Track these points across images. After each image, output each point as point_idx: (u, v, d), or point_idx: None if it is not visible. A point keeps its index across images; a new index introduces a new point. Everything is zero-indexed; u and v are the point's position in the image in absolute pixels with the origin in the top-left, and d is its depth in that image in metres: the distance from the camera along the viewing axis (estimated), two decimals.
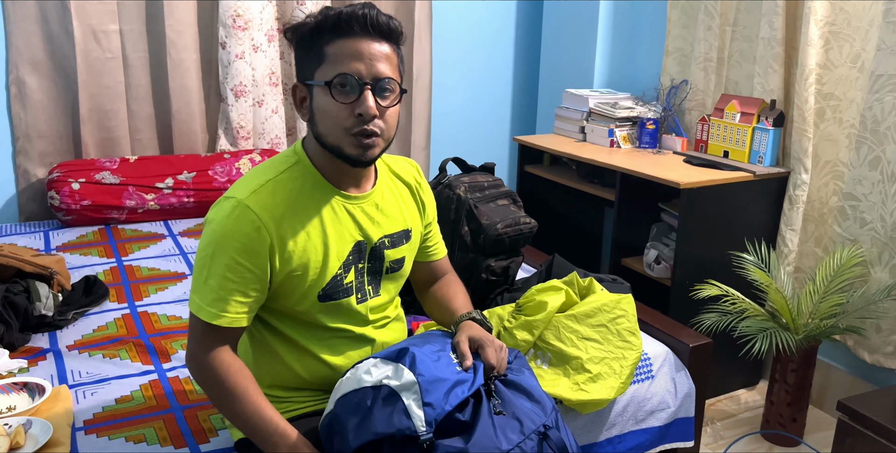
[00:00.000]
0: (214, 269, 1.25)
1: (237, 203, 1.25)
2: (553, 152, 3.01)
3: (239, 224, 1.24)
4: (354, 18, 1.22)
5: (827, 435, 2.38)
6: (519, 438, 1.21)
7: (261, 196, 1.26)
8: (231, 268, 1.24)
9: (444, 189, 2.07)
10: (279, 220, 1.27)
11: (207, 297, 1.26)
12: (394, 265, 1.44)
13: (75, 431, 1.49)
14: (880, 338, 2.33)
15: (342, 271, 1.35)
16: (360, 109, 1.23)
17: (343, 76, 1.22)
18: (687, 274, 2.48)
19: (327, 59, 1.23)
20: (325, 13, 1.24)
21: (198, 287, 1.28)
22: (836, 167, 2.43)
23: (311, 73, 1.26)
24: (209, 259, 1.25)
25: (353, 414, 1.20)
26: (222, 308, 1.25)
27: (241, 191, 1.27)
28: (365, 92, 1.23)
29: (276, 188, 1.28)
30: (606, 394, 1.71)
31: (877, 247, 2.30)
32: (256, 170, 1.32)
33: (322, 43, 1.24)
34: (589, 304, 1.80)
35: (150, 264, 2.42)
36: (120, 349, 1.84)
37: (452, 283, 1.60)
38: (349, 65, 1.22)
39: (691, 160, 2.66)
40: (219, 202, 1.29)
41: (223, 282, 1.25)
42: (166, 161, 2.88)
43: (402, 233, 1.44)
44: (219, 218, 1.26)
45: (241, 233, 1.24)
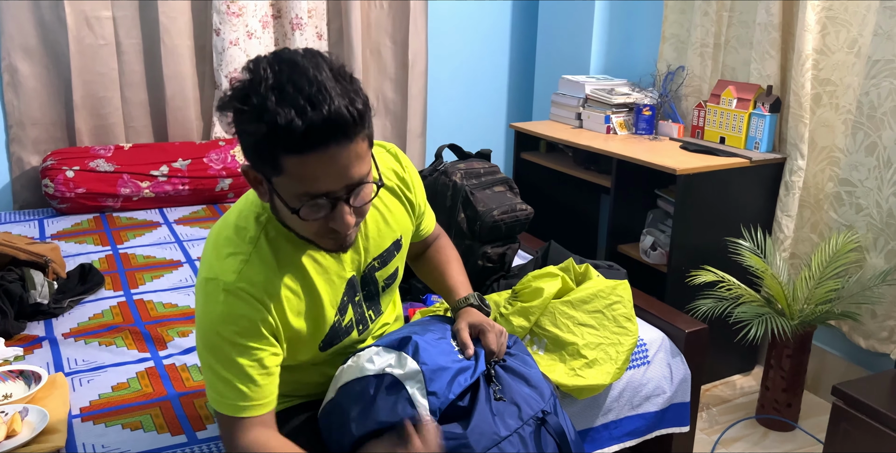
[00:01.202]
0: (225, 361, 1.14)
1: (227, 286, 1.13)
2: (549, 139, 3.01)
3: (235, 307, 1.13)
4: (314, 130, 0.98)
5: (822, 419, 2.40)
6: (517, 424, 1.22)
7: (248, 274, 1.14)
8: (241, 353, 1.14)
9: (440, 176, 2.07)
10: (274, 295, 1.17)
11: (228, 391, 1.14)
12: (388, 281, 1.38)
13: (72, 418, 1.49)
14: (875, 323, 2.34)
15: (339, 316, 1.28)
16: (334, 225, 1.09)
17: (311, 197, 1.05)
18: (683, 260, 2.48)
19: (286, 173, 1.03)
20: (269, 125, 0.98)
21: (213, 382, 1.16)
22: (833, 153, 2.43)
23: (266, 174, 1.06)
24: (216, 351, 1.14)
25: (355, 402, 1.20)
26: (248, 397, 1.15)
27: (223, 272, 1.14)
28: (338, 207, 1.07)
29: (260, 260, 1.16)
30: (602, 380, 1.72)
31: (872, 232, 2.30)
32: (227, 238, 1.18)
33: (275, 152, 1.01)
34: (585, 290, 1.80)
35: (146, 252, 2.41)
36: (116, 337, 1.84)
37: (444, 249, 1.53)
38: (316, 184, 1.03)
39: (688, 146, 2.66)
40: (203, 287, 1.15)
41: (238, 370, 1.14)
42: (161, 148, 2.87)
43: (392, 246, 1.35)
44: (210, 305, 1.14)
45: (241, 317, 1.13)
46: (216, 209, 2.87)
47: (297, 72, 1.00)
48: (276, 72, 1.01)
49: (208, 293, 1.14)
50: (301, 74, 1.00)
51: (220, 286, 1.13)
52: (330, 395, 1.26)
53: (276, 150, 1.01)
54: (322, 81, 1.00)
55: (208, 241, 1.21)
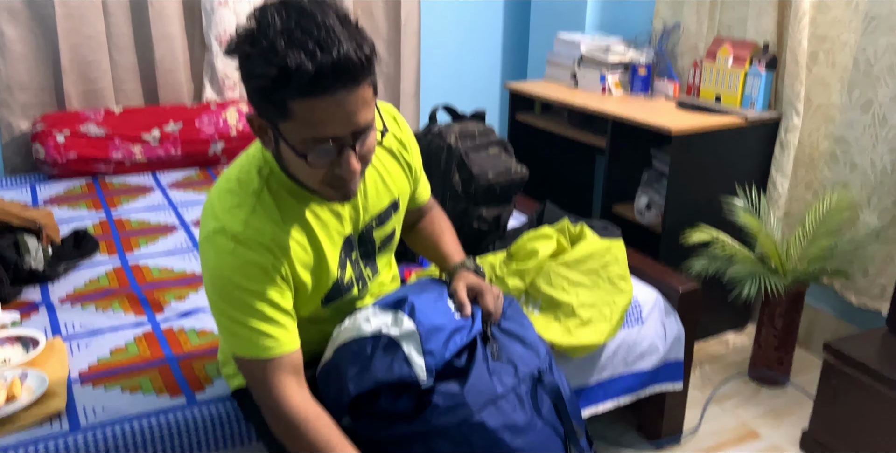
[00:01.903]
0: (245, 307, 1.14)
1: (236, 236, 1.13)
2: (544, 99, 2.98)
3: (247, 255, 1.13)
4: (326, 75, 0.99)
5: (813, 376, 2.43)
6: (514, 382, 1.23)
7: (255, 224, 1.15)
8: (259, 297, 1.14)
9: (434, 138, 2.06)
10: (280, 243, 1.17)
11: (253, 336, 1.14)
12: (385, 242, 1.39)
13: (71, 382, 1.50)
14: (867, 280, 2.36)
15: (340, 272, 1.28)
16: (340, 171, 1.09)
17: (318, 142, 1.05)
18: (677, 220, 2.48)
19: (294, 117, 1.03)
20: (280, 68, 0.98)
21: (235, 332, 1.16)
22: (828, 111, 2.42)
23: (273, 119, 1.06)
24: (232, 300, 1.14)
25: (352, 362, 1.21)
26: (274, 336, 1.15)
27: (230, 221, 1.14)
28: (344, 152, 1.08)
29: (265, 211, 1.16)
30: (597, 339, 1.74)
31: (866, 190, 2.31)
32: (230, 191, 1.18)
33: (284, 97, 1.01)
34: (580, 251, 1.81)
35: (140, 217, 2.41)
36: (112, 301, 1.84)
37: (437, 219, 1.54)
38: (324, 127, 1.04)
39: (683, 105, 2.64)
40: (211, 239, 1.14)
41: (260, 314, 1.14)
42: (152, 112, 2.84)
43: (390, 206, 1.35)
44: (221, 255, 1.13)
45: (253, 263, 1.13)
46: (209, 173, 2.86)
47: (304, 16, 1.01)
48: (283, 17, 1.01)
49: (217, 244, 1.14)
50: (309, 19, 1.00)
51: (229, 236, 1.13)
52: (327, 356, 1.28)
53: (284, 94, 1.01)
54: (330, 25, 1.00)
55: (211, 195, 1.21)
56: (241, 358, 1.18)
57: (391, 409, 1.20)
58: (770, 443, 2.13)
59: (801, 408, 2.29)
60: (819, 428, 2.03)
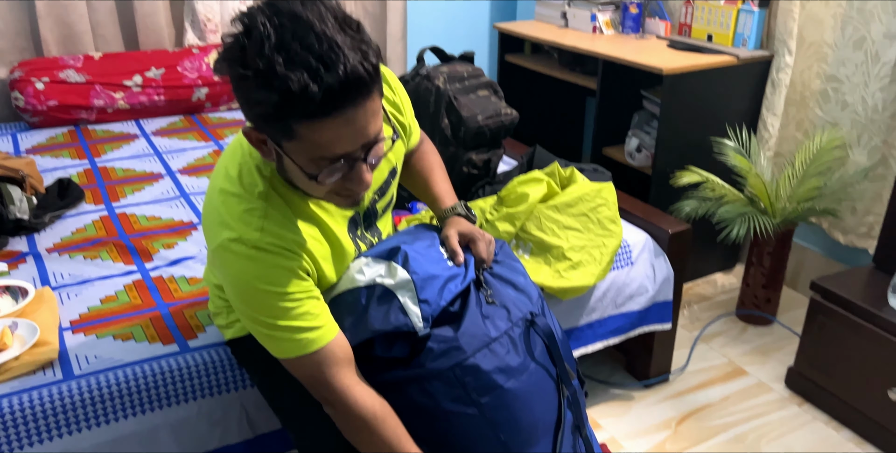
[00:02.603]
0: (277, 312, 1.10)
1: (256, 244, 1.08)
2: (534, 40, 2.92)
3: (270, 261, 1.09)
4: (334, 97, 0.91)
5: (799, 313, 2.47)
6: (507, 325, 1.24)
7: (270, 229, 1.10)
8: (286, 298, 1.10)
9: (422, 80, 2.02)
10: (300, 243, 1.13)
11: (294, 335, 1.11)
12: (385, 208, 1.37)
13: (62, 331, 1.50)
14: (855, 219, 2.37)
15: (356, 251, 1.27)
16: (352, 185, 1.05)
17: (328, 161, 0.99)
18: (668, 161, 2.47)
19: (300, 138, 0.96)
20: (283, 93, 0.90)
21: (273, 336, 1.12)
22: (821, 48, 2.38)
23: (276, 139, 1.00)
24: (264, 308, 1.10)
25: (348, 313, 1.21)
26: (315, 328, 1.12)
27: (245, 230, 1.09)
28: (356, 167, 1.02)
29: (279, 214, 1.12)
30: (587, 281, 1.75)
31: (856, 129, 2.29)
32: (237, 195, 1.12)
33: (289, 119, 0.94)
34: (570, 194, 1.80)
35: (125, 165, 2.37)
36: (101, 250, 1.83)
37: (427, 155, 1.50)
38: (333, 148, 0.97)
39: (675, 45, 2.59)
40: (228, 248, 1.09)
41: (290, 312, 1.11)
42: (132, 57, 2.77)
43: (389, 176, 1.32)
44: (244, 265, 1.09)
45: (277, 267, 1.09)
46: (194, 119, 2.81)
47: (300, 26, 0.91)
48: (276, 26, 0.91)
49: (237, 252, 1.08)
50: (306, 28, 0.91)
51: (248, 245, 1.08)
52: None
53: (288, 118, 0.93)
54: (331, 37, 0.91)
55: (212, 197, 1.15)
56: (288, 360, 1.14)
57: (386, 355, 1.21)
58: (757, 380, 2.17)
59: (788, 346, 2.33)
60: (804, 364, 2.07)
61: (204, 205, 1.18)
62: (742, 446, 1.92)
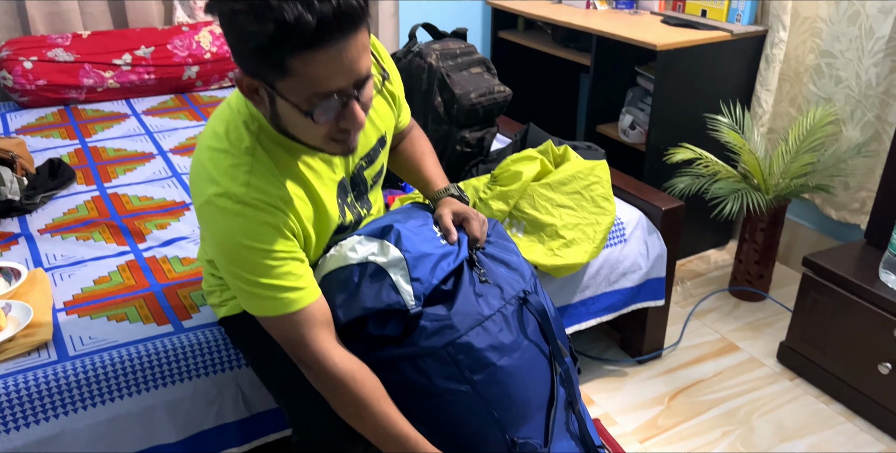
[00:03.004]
0: (259, 269, 1.10)
1: (241, 198, 1.09)
2: (527, 16, 2.90)
3: (256, 216, 1.09)
4: (328, 26, 0.93)
5: (791, 289, 2.48)
6: (500, 304, 1.24)
7: (256, 184, 1.10)
8: (273, 256, 1.11)
9: (414, 57, 2.00)
10: (285, 200, 1.14)
11: (274, 293, 1.12)
12: (375, 178, 1.37)
13: (56, 312, 1.50)
14: (847, 195, 2.37)
15: (341, 219, 1.27)
16: (346, 124, 1.06)
17: (322, 97, 1.00)
18: (661, 138, 2.46)
19: (294, 74, 0.97)
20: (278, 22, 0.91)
21: (254, 293, 1.12)
22: (815, 24, 2.36)
23: (269, 79, 1.00)
24: (245, 264, 1.10)
25: (340, 290, 1.22)
26: (296, 288, 1.12)
27: (231, 185, 1.09)
28: (350, 104, 1.03)
29: (264, 169, 1.12)
30: (580, 259, 1.75)
31: (850, 104, 2.29)
32: (223, 150, 1.12)
33: (282, 54, 0.95)
34: (563, 172, 1.79)
35: (116, 145, 2.36)
36: (93, 231, 1.82)
37: (417, 140, 1.51)
38: (327, 82, 0.98)
39: (668, 20, 2.58)
40: (213, 203, 1.10)
41: (273, 270, 1.11)
42: (121, 35, 2.73)
43: (377, 143, 1.32)
44: (229, 220, 1.09)
45: (262, 223, 1.10)
46: (185, 99, 2.79)
47: None
48: None
49: (222, 207, 1.09)
50: None
51: (233, 199, 1.09)
52: None
53: (282, 51, 0.94)
54: None
55: (199, 154, 1.15)
56: (267, 318, 1.14)
57: (379, 334, 1.21)
58: (749, 355, 2.19)
59: (780, 321, 2.35)
60: (796, 339, 2.09)
61: (191, 164, 1.18)
62: (734, 420, 1.94)
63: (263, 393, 1.47)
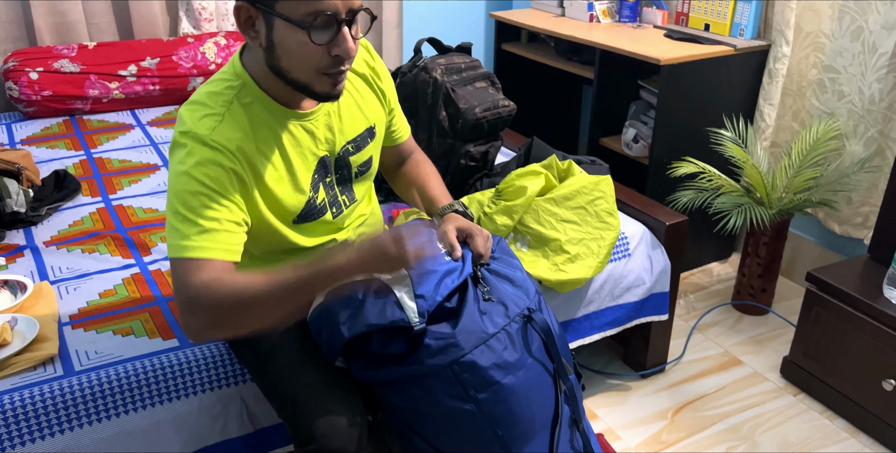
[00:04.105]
0: (193, 203, 1.13)
1: (202, 138, 1.15)
2: (531, 29, 2.91)
3: (210, 155, 1.14)
4: None
5: (794, 303, 2.48)
6: (504, 321, 1.25)
7: (223, 131, 1.16)
8: (211, 198, 1.14)
9: (419, 72, 2.01)
10: (247, 152, 1.18)
11: (191, 233, 1.12)
12: (361, 168, 1.39)
13: (62, 326, 1.51)
14: (851, 209, 2.38)
15: (312, 193, 1.29)
16: (338, 50, 1.11)
17: (320, 14, 1.07)
18: (665, 152, 2.47)
19: None
20: None
21: (176, 229, 1.14)
22: (818, 38, 2.37)
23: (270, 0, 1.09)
24: (185, 195, 1.14)
25: (344, 306, 1.22)
26: (212, 239, 1.13)
27: (199, 126, 1.16)
28: (343, 30, 1.11)
29: (234, 120, 1.18)
30: (584, 274, 1.75)
31: (853, 119, 2.29)
32: (201, 103, 1.20)
33: None
34: (568, 187, 1.80)
35: (121, 156, 2.37)
36: (98, 243, 1.83)
37: (422, 164, 1.55)
38: (325, 1, 1.07)
39: (672, 34, 2.59)
40: (177, 141, 1.17)
41: (207, 213, 1.14)
42: (127, 47, 2.75)
43: (366, 132, 1.37)
44: (185, 156, 1.15)
45: (214, 163, 1.14)
46: None
47: None
48: None
49: (183, 145, 1.16)
50: None
51: (195, 138, 1.15)
52: (319, 299, 1.28)
53: None
54: None
55: (182, 108, 1.22)
56: (175, 259, 1.13)
57: (384, 352, 1.21)
58: (752, 370, 2.19)
59: (783, 336, 2.34)
60: (799, 354, 2.09)
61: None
62: (738, 436, 1.94)
63: (268, 408, 1.47)
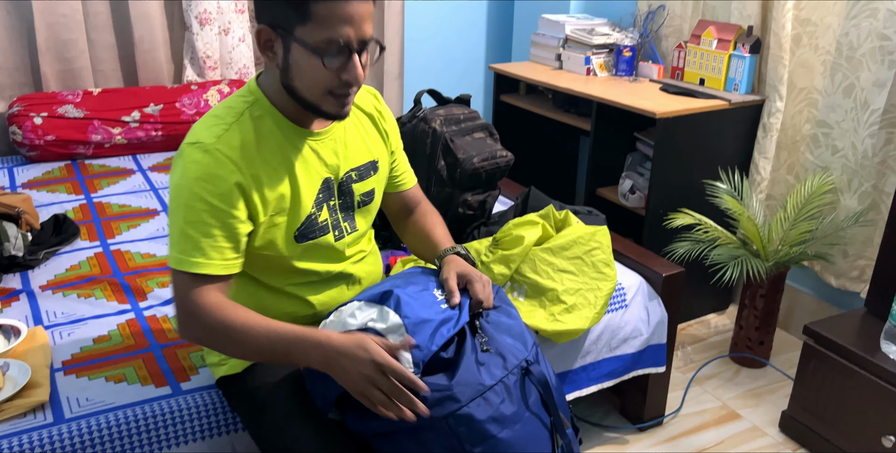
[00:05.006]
0: (192, 217, 1.18)
1: (206, 147, 1.20)
2: (529, 81, 2.96)
3: (212, 167, 1.19)
4: None
5: (793, 355, 2.47)
6: (502, 373, 1.24)
7: (227, 139, 1.21)
8: (211, 213, 1.18)
9: (419, 122, 2.04)
10: (250, 162, 1.22)
11: (189, 248, 1.19)
12: (364, 198, 1.43)
13: (54, 372, 1.49)
14: (847, 262, 2.38)
15: (315, 210, 1.33)
16: (347, 76, 1.20)
17: (334, 43, 1.16)
18: (661, 203, 2.49)
19: (314, 19, 1.14)
20: None
21: (176, 241, 1.20)
22: (811, 94, 2.42)
23: (290, 25, 1.17)
24: (185, 209, 1.19)
25: None
26: (209, 255, 1.19)
27: (204, 135, 1.22)
28: (353, 57, 1.19)
29: (240, 130, 1.23)
30: (581, 324, 1.75)
31: (847, 174, 2.32)
32: (213, 115, 1.26)
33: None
34: (565, 237, 1.81)
35: (121, 201, 2.38)
36: (94, 288, 1.83)
37: (429, 214, 1.58)
38: (340, 29, 1.15)
39: (667, 88, 2.64)
40: (183, 150, 1.22)
41: (204, 228, 1.18)
42: (131, 93, 2.79)
43: (369, 164, 1.42)
44: (188, 164, 1.19)
45: (216, 176, 1.19)
46: None
47: None
48: None
49: (188, 154, 1.21)
50: None
51: (199, 148, 1.20)
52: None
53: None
54: None
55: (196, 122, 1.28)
56: (175, 270, 1.21)
57: None
58: (751, 424, 2.16)
59: (782, 389, 2.32)
60: (798, 409, 2.07)
61: None
62: None
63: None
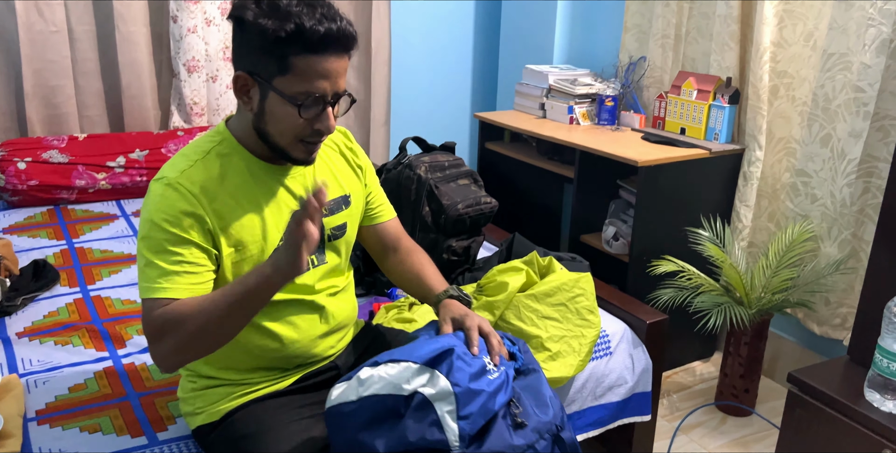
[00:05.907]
0: (157, 248, 1.21)
1: (168, 182, 1.24)
2: (513, 129, 3.01)
3: (174, 201, 1.23)
4: (331, 39, 1.19)
5: (778, 403, 2.46)
6: (533, 438, 1.22)
7: (190, 174, 1.25)
8: (171, 241, 1.22)
9: (404, 169, 2.06)
10: (212, 196, 1.26)
11: (154, 275, 1.21)
12: (335, 232, 1.43)
13: (27, 422, 1.45)
14: (829, 310, 2.40)
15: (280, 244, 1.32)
16: (320, 126, 1.25)
17: (311, 95, 1.21)
18: (644, 250, 2.51)
19: (294, 72, 1.19)
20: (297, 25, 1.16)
21: (143, 272, 1.23)
22: (789, 144, 2.47)
23: (269, 75, 1.21)
24: (149, 241, 1.22)
25: (384, 417, 1.18)
26: (173, 280, 1.21)
27: (169, 171, 1.27)
28: (327, 109, 1.24)
29: (205, 166, 1.28)
30: (566, 372, 1.74)
31: (826, 222, 2.35)
32: (181, 154, 1.31)
33: (289, 52, 1.18)
34: (548, 284, 1.81)
35: (103, 246, 2.36)
36: (72, 335, 1.80)
37: (413, 252, 1.57)
38: (317, 83, 1.21)
39: (649, 137, 2.68)
40: (150, 187, 1.28)
41: (167, 256, 1.21)
42: (117, 139, 2.80)
43: (341, 199, 1.44)
44: (152, 199, 1.25)
45: (175, 208, 1.22)
46: None
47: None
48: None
49: (152, 190, 1.26)
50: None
51: (163, 183, 1.25)
52: (349, 397, 1.22)
53: (290, 49, 1.17)
54: (329, 4, 1.22)
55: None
56: (143, 300, 1.22)
57: None
58: None
59: (767, 438, 2.31)
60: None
61: None
62: None
63: None
